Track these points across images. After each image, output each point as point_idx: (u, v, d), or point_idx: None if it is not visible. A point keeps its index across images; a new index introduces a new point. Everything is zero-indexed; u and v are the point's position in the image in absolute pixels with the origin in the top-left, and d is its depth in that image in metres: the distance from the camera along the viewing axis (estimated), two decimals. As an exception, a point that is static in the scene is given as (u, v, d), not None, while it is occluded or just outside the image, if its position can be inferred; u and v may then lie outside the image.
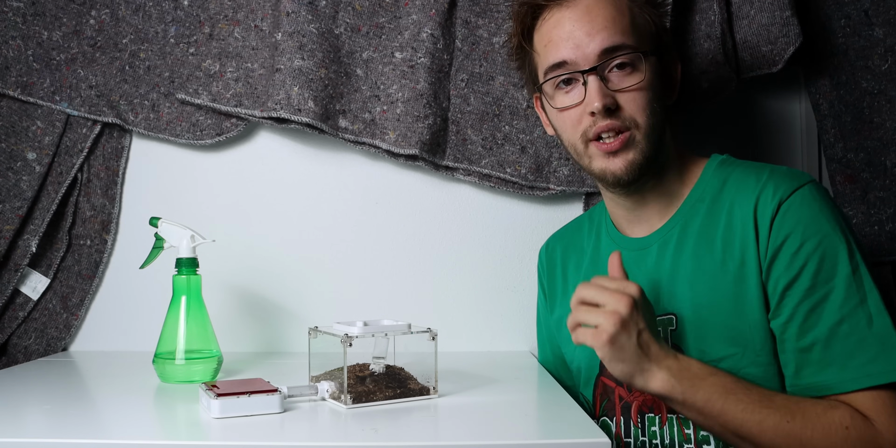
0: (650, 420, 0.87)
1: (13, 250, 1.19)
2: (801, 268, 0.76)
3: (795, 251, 0.77)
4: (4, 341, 1.19)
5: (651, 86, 0.84)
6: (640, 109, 0.83)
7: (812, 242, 0.76)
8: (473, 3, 1.20)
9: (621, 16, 0.84)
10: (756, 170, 0.84)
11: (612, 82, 0.83)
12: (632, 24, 0.84)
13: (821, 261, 0.76)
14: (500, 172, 1.20)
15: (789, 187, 0.79)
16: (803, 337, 0.76)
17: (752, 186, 0.82)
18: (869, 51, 1.20)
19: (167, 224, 0.99)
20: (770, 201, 0.79)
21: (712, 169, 0.88)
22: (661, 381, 0.73)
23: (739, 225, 0.81)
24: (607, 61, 0.83)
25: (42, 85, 1.20)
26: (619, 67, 0.83)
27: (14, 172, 1.19)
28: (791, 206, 0.78)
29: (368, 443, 0.66)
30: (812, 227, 0.77)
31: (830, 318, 0.75)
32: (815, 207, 0.78)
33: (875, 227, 1.18)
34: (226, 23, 1.20)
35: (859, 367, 0.72)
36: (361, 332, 0.81)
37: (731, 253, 0.81)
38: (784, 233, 0.78)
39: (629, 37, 0.83)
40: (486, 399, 0.84)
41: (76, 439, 0.66)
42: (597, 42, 0.83)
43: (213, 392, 0.74)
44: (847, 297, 0.75)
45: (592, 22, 0.83)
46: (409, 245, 1.25)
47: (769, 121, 1.26)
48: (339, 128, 1.18)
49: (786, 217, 0.78)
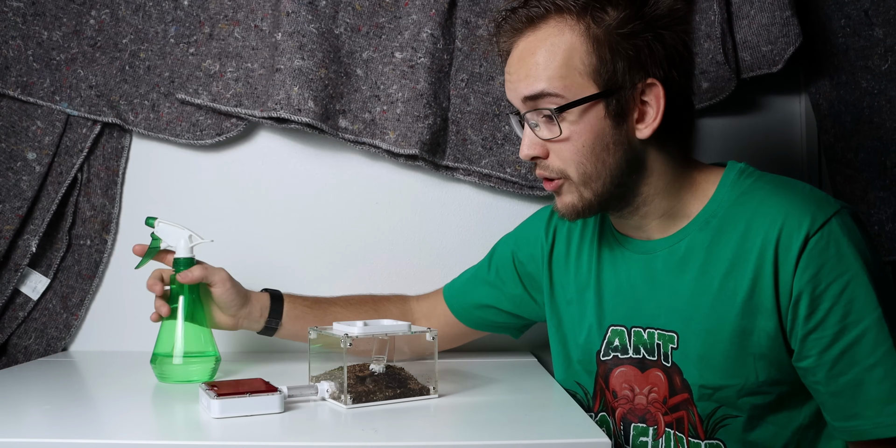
0: (639, 430, 0.85)
1: (13, 250, 1.19)
2: (828, 310, 0.72)
3: (823, 292, 0.72)
4: (4, 341, 1.19)
5: (580, 135, 0.78)
6: (567, 161, 0.79)
7: (840, 283, 0.72)
8: (473, 3, 1.20)
9: (549, 60, 0.77)
10: (779, 191, 0.78)
11: (541, 130, 0.80)
12: (561, 69, 0.76)
13: (849, 302, 0.72)
14: (500, 172, 1.20)
15: (817, 219, 0.73)
16: (833, 382, 0.73)
17: (773, 213, 0.76)
18: (869, 51, 1.20)
19: (164, 224, 0.97)
20: (796, 234, 0.73)
21: (729, 182, 0.82)
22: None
23: (756, 253, 0.76)
24: (531, 109, 0.80)
25: (42, 85, 1.20)
26: (545, 116, 0.79)
27: (14, 172, 1.19)
28: (819, 242, 0.73)
29: (368, 443, 0.66)
30: (841, 266, 0.72)
31: (863, 362, 0.71)
32: (844, 243, 0.73)
33: (875, 227, 1.18)
34: (226, 23, 1.20)
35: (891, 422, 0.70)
36: (361, 332, 0.81)
37: (741, 280, 0.77)
38: (811, 272, 0.73)
39: (552, 84, 0.77)
40: (486, 399, 0.84)
41: (76, 439, 0.66)
42: (520, 88, 0.80)
43: (213, 392, 0.74)
44: (878, 340, 0.71)
45: (521, 67, 0.80)
46: (409, 245, 1.25)
47: (769, 121, 1.26)
48: (339, 128, 1.18)
49: (812, 254, 0.73)
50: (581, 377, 0.94)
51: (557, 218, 1.02)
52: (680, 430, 0.82)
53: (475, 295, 1.07)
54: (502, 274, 1.05)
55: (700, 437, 0.81)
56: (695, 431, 0.81)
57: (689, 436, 0.81)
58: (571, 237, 0.98)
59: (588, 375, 0.92)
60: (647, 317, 0.85)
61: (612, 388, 0.88)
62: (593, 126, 0.78)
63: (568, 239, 0.98)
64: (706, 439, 0.81)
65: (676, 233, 0.84)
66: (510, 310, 1.06)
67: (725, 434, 0.80)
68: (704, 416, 0.80)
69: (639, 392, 0.85)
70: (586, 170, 0.79)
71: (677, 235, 0.84)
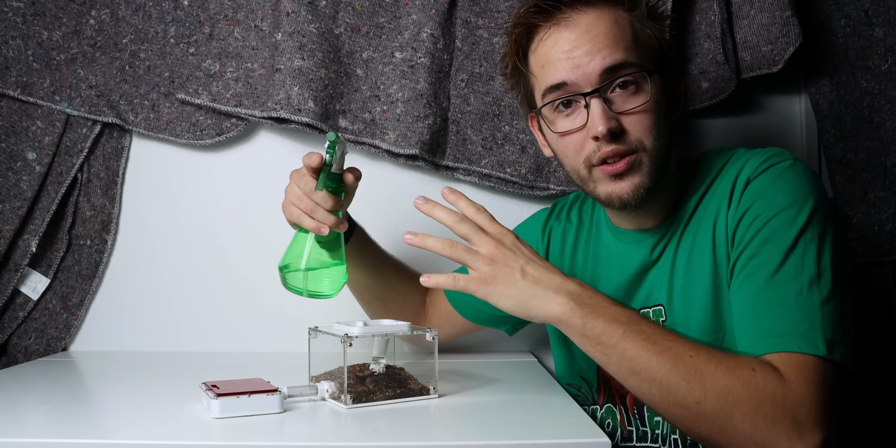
0: (651, 411, 0.86)
1: (13, 250, 1.19)
2: (750, 239, 0.75)
3: (749, 223, 0.76)
4: (4, 341, 1.19)
5: (657, 105, 0.80)
6: (646, 131, 0.79)
7: (765, 216, 0.75)
8: (473, 3, 1.20)
9: (623, 32, 0.79)
10: (746, 152, 0.83)
11: (616, 104, 0.79)
12: (634, 41, 0.80)
13: (771, 233, 0.74)
14: (500, 172, 1.20)
15: (764, 164, 0.78)
16: (736, 305, 0.75)
17: (735, 168, 0.81)
18: (869, 51, 1.20)
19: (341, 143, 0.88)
20: (742, 177, 0.79)
21: (708, 161, 0.87)
22: (559, 305, 0.72)
23: (716, 207, 0.81)
24: (610, 82, 0.78)
25: (42, 85, 1.20)
26: (622, 87, 0.79)
27: (14, 172, 1.19)
28: (758, 182, 0.78)
29: (368, 443, 0.66)
30: (772, 202, 0.75)
31: (758, 284, 0.72)
32: (780, 183, 0.76)
33: (875, 227, 1.18)
34: (226, 23, 1.20)
35: (777, 335, 0.69)
36: (361, 332, 0.81)
37: (707, 234, 0.81)
38: (745, 205, 0.77)
39: (632, 54, 0.79)
40: (486, 399, 0.84)
41: (76, 439, 0.66)
42: (598, 61, 0.78)
43: (213, 392, 0.74)
44: (784, 269, 0.71)
45: (593, 40, 0.78)
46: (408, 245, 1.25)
47: (769, 121, 1.26)
48: (339, 128, 1.18)
49: (749, 191, 0.78)
50: (584, 371, 0.95)
51: (553, 219, 1.05)
52: None
53: None
54: None
55: None
56: None
57: None
58: (566, 236, 1.00)
59: (591, 368, 0.94)
60: (641, 298, 0.89)
61: None
62: (664, 96, 0.82)
63: (563, 238, 1.01)
64: None
65: (665, 220, 0.87)
66: None
67: None
68: None
69: None
70: (660, 143, 0.80)
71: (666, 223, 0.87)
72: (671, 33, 1.14)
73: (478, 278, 0.76)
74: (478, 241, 0.77)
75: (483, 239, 0.77)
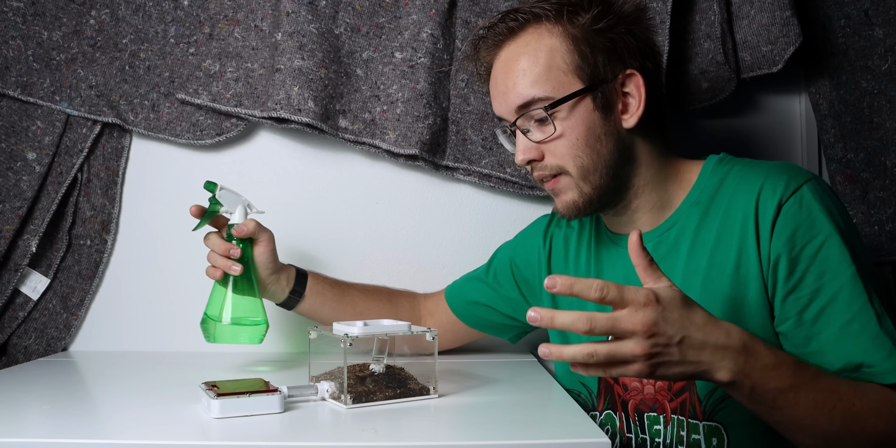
0: (651, 419, 0.87)
1: (13, 250, 1.19)
2: (805, 270, 0.75)
3: (799, 253, 0.76)
4: (4, 341, 1.19)
5: (573, 130, 0.82)
6: (564, 157, 0.83)
7: (815, 244, 0.75)
8: (473, 3, 1.20)
9: (532, 64, 0.82)
10: (754, 168, 0.82)
11: (534, 134, 0.84)
12: (546, 71, 0.82)
13: (824, 262, 0.75)
14: (500, 172, 1.20)
15: (790, 186, 0.78)
16: (814, 341, 0.75)
17: (750, 187, 0.80)
18: (869, 51, 1.20)
19: (225, 190, 0.98)
20: (770, 202, 0.77)
21: (709, 169, 0.87)
22: (728, 374, 0.65)
23: (738, 226, 0.80)
24: (522, 115, 0.84)
25: (42, 85, 1.20)
26: (536, 119, 0.83)
27: (14, 172, 1.19)
28: (792, 207, 0.77)
29: (368, 443, 0.66)
30: (814, 228, 0.75)
31: (839, 319, 0.73)
32: (816, 207, 0.76)
33: (875, 227, 1.18)
34: (226, 23, 1.20)
35: (884, 361, 0.71)
36: (361, 332, 0.81)
37: (727, 254, 0.80)
38: (786, 235, 0.76)
39: (540, 87, 0.82)
40: (486, 399, 0.84)
41: (76, 439, 0.66)
42: (511, 98, 0.84)
43: (213, 392, 0.74)
44: (853, 297, 0.73)
45: (507, 78, 0.84)
46: (408, 245, 1.25)
47: (769, 121, 1.26)
48: (339, 128, 1.18)
49: (786, 218, 0.76)
50: (585, 377, 0.94)
51: (554, 225, 1.06)
52: (682, 414, 0.84)
53: (473, 293, 1.10)
54: (500, 277, 1.08)
55: (698, 417, 0.82)
56: (694, 412, 0.83)
57: (689, 417, 0.83)
58: (568, 242, 1.01)
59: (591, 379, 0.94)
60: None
61: (622, 381, 0.90)
62: (584, 119, 0.83)
63: (565, 244, 1.01)
64: (704, 420, 0.82)
65: (665, 222, 0.88)
66: (506, 312, 1.08)
67: (725, 417, 0.81)
68: (703, 396, 0.82)
69: (647, 382, 0.87)
70: (583, 162, 0.83)
71: (666, 224, 0.88)
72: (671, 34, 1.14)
73: (637, 373, 0.64)
74: (622, 337, 0.62)
75: (626, 333, 0.62)
